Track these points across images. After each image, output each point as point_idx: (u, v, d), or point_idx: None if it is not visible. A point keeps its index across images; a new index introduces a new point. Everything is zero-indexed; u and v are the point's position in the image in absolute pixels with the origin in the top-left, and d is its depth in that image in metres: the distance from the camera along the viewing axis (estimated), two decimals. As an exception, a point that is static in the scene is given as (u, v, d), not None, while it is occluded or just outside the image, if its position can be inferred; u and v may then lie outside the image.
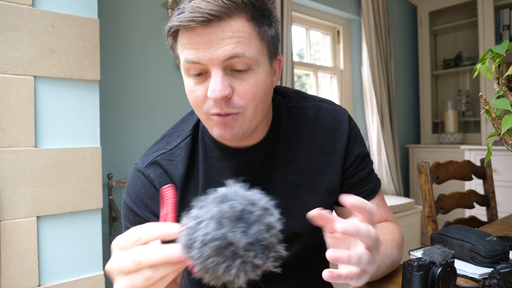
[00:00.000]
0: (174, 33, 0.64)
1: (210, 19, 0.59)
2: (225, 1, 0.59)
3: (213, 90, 0.60)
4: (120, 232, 0.72)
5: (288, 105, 0.80)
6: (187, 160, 0.74)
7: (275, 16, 0.67)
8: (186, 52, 0.62)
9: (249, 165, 0.74)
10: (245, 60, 0.61)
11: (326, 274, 0.49)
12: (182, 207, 0.70)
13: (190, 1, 0.60)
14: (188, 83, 0.67)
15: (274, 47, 0.68)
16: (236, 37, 0.60)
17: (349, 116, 0.81)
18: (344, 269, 0.50)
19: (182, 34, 0.62)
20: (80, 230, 1.43)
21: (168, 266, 0.44)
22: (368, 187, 0.82)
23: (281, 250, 0.41)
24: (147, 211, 0.74)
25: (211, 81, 0.61)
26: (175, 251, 0.42)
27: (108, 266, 0.48)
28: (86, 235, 1.44)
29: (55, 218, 1.37)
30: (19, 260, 1.28)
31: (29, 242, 1.30)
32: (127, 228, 0.75)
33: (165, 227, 0.45)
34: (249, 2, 0.61)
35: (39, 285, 1.33)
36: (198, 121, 0.78)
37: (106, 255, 1.88)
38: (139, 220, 0.74)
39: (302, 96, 0.82)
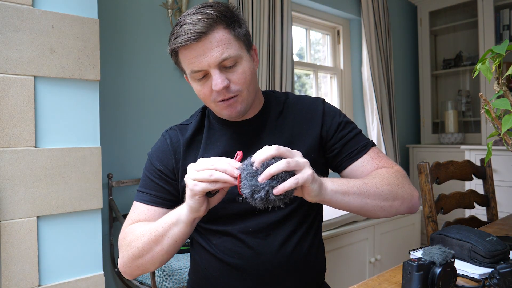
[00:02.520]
0: (176, 53, 0.87)
1: (200, 36, 0.82)
2: (206, 20, 0.82)
3: (215, 84, 0.84)
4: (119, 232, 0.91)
5: (278, 97, 1.03)
6: (195, 128, 0.99)
7: (242, 18, 0.91)
8: (190, 66, 0.85)
9: (241, 134, 0.97)
10: (232, 59, 0.85)
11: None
12: (185, 157, 0.96)
13: (180, 27, 0.83)
14: (196, 86, 0.89)
15: (248, 41, 0.91)
16: (221, 44, 0.83)
17: (324, 101, 1.02)
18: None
19: (182, 52, 0.85)
20: (80, 230, 1.43)
21: (224, 177, 0.71)
22: (358, 145, 0.97)
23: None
24: (157, 162, 0.97)
25: (213, 79, 0.84)
26: (235, 172, 0.72)
27: (190, 165, 0.76)
28: (86, 235, 1.44)
29: (55, 218, 1.37)
30: (19, 260, 1.28)
31: (29, 242, 1.30)
32: (145, 174, 0.99)
33: (229, 179, 0.72)
34: (221, 15, 0.84)
35: (39, 285, 1.33)
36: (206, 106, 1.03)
37: (106, 255, 1.88)
38: (152, 167, 0.98)
39: (289, 93, 1.06)
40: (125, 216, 1.84)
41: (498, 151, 2.69)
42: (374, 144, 0.99)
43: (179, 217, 0.81)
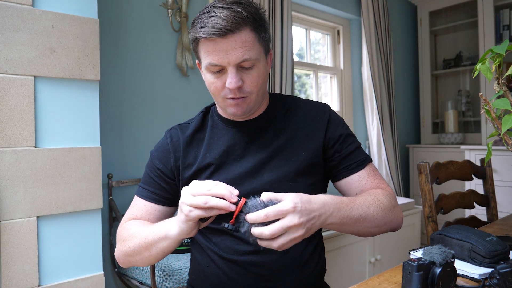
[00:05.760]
0: (197, 41, 0.88)
1: (227, 32, 0.82)
2: (236, 18, 0.82)
3: (230, 82, 0.85)
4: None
5: (284, 100, 1.05)
6: (196, 126, 1.01)
7: (267, 22, 0.93)
8: (209, 57, 0.86)
9: (244, 133, 0.98)
10: (251, 61, 0.86)
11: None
12: (185, 155, 0.98)
13: (209, 17, 0.83)
14: (209, 77, 0.89)
15: (268, 46, 0.94)
16: (245, 46, 0.84)
17: (330, 108, 1.04)
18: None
19: (204, 43, 0.86)
20: (80, 230, 1.43)
21: (221, 204, 0.71)
22: (357, 159, 0.98)
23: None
24: (157, 160, 1.00)
25: (228, 76, 0.86)
26: (233, 199, 0.72)
27: (185, 189, 0.76)
28: (86, 235, 1.44)
29: (55, 218, 1.37)
30: (19, 260, 1.28)
31: (29, 242, 1.30)
32: (146, 171, 1.02)
33: (226, 206, 0.72)
34: (251, 17, 0.85)
35: (39, 285, 1.33)
36: (210, 106, 1.06)
37: (106, 255, 1.88)
38: (152, 165, 1.01)
39: (296, 97, 1.07)
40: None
41: (498, 151, 2.69)
42: (371, 160, 1.01)
43: (168, 234, 0.82)
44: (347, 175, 0.98)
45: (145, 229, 0.89)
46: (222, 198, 0.72)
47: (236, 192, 0.73)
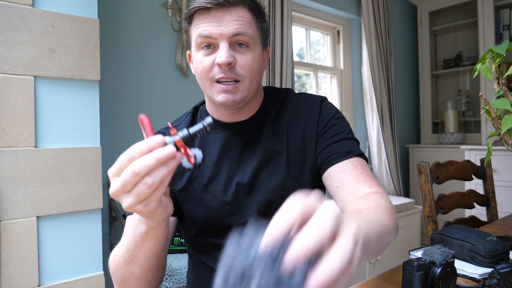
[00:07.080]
0: (190, 18, 0.81)
1: (224, 3, 0.76)
2: None
3: (220, 57, 0.76)
4: (121, 232, 0.86)
5: (277, 95, 0.96)
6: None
7: (266, 16, 0.88)
8: (200, 29, 0.78)
9: (237, 136, 0.88)
10: (246, 38, 0.79)
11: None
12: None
13: None
14: (198, 56, 0.81)
15: (265, 38, 0.87)
16: (241, 20, 0.78)
17: (323, 99, 0.92)
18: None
19: (198, 17, 0.79)
20: (80, 230, 1.43)
21: (162, 167, 0.51)
22: (340, 150, 0.83)
23: None
24: None
25: (219, 51, 0.77)
26: (163, 150, 0.50)
27: (112, 191, 0.54)
28: (86, 235, 1.44)
29: (55, 218, 1.37)
30: (19, 260, 1.28)
31: (29, 242, 1.30)
32: None
33: (150, 140, 0.51)
34: (250, 0, 0.80)
35: (39, 285, 1.33)
36: (198, 106, 0.96)
37: (106, 255, 1.88)
38: None
39: (291, 90, 0.98)
40: (125, 216, 1.84)
41: (498, 151, 2.69)
42: (364, 157, 0.85)
43: (148, 227, 0.64)
44: (327, 167, 0.83)
45: (123, 244, 0.72)
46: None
47: (160, 138, 0.52)
